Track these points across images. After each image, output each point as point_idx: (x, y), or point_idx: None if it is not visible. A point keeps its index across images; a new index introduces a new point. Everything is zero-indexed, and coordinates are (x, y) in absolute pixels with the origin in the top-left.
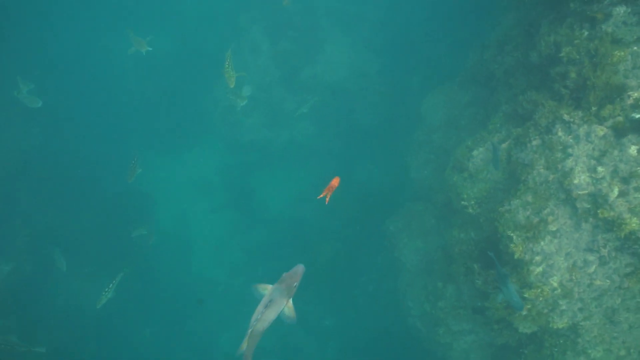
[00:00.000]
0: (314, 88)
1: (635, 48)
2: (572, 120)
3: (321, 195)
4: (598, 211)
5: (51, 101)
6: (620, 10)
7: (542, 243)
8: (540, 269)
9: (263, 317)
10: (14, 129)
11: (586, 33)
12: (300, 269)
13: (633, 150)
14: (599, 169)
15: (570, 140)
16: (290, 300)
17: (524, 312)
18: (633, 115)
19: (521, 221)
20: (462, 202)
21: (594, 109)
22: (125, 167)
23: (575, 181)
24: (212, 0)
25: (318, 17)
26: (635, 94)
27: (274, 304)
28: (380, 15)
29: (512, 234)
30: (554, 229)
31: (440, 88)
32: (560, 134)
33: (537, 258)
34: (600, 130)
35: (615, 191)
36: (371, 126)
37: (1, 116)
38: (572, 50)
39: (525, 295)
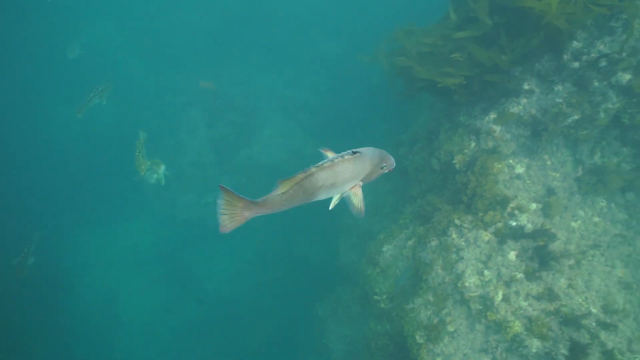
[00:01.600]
0: (249, 169)
1: (510, 161)
2: (462, 224)
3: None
4: (487, 313)
5: None
6: (497, 127)
7: (441, 344)
8: None
9: (335, 168)
10: None
11: (473, 144)
12: (392, 160)
13: (512, 255)
14: (486, 272)
15: (462, 244)
16: (360, 186)
17: None
18: (510, 222)
19: (423, 321)
20: (375, 297)
21: (480, 214)
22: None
23: (467, 284)
24: (157, 78)
25: (257, 101)
26: (512, 204)
27: (341, 171)
28: (317, 100)
29: (415, 334)
30: (452, 329)
31: None
32: (454, 236)
33: (438, 359)
34: (485, 236)
35: (500, 295)
36: (308, 205)
37: None
38: (463, 159)
39: None
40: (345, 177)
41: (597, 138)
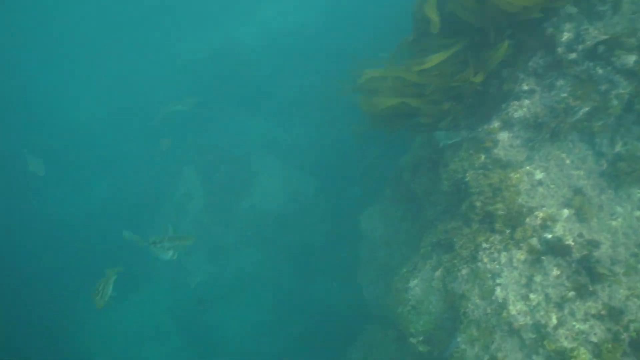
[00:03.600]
0: (253, 219)
1: (527, 167)
2: (492, 246)
3: None
4: (544, 342)
5: None
6: (504, 135)
7: None
8: None
9: None
10: None
11: (483, 157)
12: None
13: (555, 272)
14: (531, 296)
15: (497, 268)
16: None
17: None
18: (545, 235)
19: None
20: (411, 339)
21: (507, 232)
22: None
23: (513, 312)
24: (147, 145)
25: (250, 148)
26: (541, 214)
27: None
28: (309, 137)
29: None
30: None
31: (375, 204)
32: (485, 260)
33: None
34: (521, 255)
35: (554, 319)
36: (320, 245)
37: None
38: (475, 175)
39: None
40: None
41: (615, 126)
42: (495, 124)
